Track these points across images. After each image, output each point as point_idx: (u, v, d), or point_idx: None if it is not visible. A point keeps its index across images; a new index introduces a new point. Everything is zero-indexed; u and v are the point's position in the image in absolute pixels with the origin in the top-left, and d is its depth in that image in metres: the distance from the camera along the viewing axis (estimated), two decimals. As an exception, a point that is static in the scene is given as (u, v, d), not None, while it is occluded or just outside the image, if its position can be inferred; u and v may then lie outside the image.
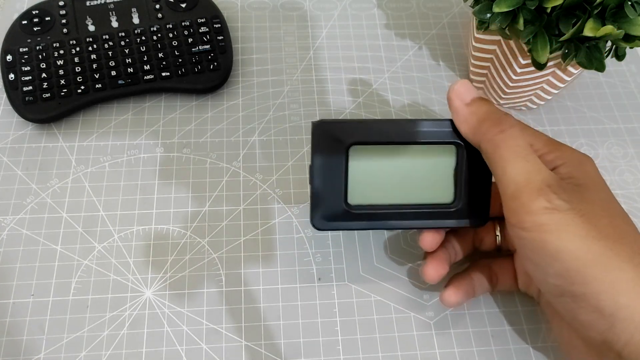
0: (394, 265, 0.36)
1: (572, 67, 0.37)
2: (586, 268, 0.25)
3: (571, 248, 0.25)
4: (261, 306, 0.34)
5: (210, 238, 0.36)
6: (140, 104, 0.42)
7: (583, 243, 0.25)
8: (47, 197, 0.38)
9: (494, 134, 0.28)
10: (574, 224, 0.25)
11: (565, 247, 0.25)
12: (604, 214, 0.26)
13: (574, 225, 0.25)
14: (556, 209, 0.25)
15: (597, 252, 0.25)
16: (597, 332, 0.25)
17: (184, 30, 0.44)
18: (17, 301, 0.34)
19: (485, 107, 0.29)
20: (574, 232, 0.25)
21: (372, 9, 0.49)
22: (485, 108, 0.29)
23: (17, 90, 0.40)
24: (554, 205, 0.25)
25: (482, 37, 0.40)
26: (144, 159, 0.40)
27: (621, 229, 0.26)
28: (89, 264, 0.35)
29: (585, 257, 0.25)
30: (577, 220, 0.25)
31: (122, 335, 0.33)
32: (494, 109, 0.29)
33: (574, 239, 0.25)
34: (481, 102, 0.30)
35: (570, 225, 0.25)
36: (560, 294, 0.26)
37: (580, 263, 0.25)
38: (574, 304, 0.26)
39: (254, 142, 0.41)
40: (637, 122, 0.43)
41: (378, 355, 0.33)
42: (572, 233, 0.25)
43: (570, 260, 0.25)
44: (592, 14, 0.32)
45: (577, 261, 0.25)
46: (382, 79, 0.45)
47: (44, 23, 0.43)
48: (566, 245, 0.25)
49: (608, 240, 0.25)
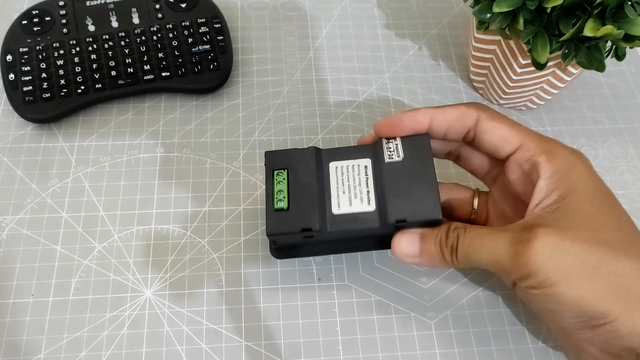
0: (394, 265, 0.36)
1: (572, 67, 0.37)
2: (604, 305, 0.24)
3: (582, 293, 0.24)
4: (261, 306, 0.34)
5: (210, 238, 0.36)
6: (140, 104, 0.42)
7: (593, 282, 0.24)
8: (47, 197, 0.38)
9: (459, 253, 0.28)
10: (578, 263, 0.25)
11: (578, 294, 0.25)
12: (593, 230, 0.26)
13: (578, 266, 0.25)
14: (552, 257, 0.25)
15: (607, 284, 0.24)
16: (616, 346, 0.25)
17: (184, 30, 0.44)
18: (17, 301, 0.34)
19: (430, 248, 0.29)
20: (580, 273, 0.25)
21: (372, 9, 0.49)
22: (432, 249, 0.29)
23: (17, 90, 0.40)
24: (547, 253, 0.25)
25: (482, 37, 0.40)
26: (144, 159, 0.40)
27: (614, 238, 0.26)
28: (89, 264, 0.35)
29: (598, 295, 0.24)
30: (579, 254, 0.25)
31: (122, 335, 0.33)
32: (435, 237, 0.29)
33: (582, 281, 0.25)
34: (426, 245, 0.29)
35: (575, 265, 0.25)
36: (579, 328, 0.26)
37: (598, 303, 0.24)
38: (593, 332, 0.26)
39: (254, 142, 0.41)
40: (637, 122, 0.43)
41: (378, 355, 0.33)
42: (578, 275, 0.25)
43: (586, 306, 0.25)
44: (592, 14, 0.32)
45: (594, 304, 0.24)
46: (382, 79, 0.45)
47: (44, 23, 0.43)
48: (578, 292, 0.25)
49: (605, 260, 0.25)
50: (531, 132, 0.29)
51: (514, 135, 0.29)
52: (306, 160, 0.31)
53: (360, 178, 0.30)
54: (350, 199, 0.30)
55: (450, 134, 0.30)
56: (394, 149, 0.30)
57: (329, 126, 0.42)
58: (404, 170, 0.30)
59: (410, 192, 0.29)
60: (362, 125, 0.42)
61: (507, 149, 0.29)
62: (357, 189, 0.30)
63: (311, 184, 0.30)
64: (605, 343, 0.26)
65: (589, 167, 0.28)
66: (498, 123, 0.29)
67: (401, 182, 0.29)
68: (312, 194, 0.30)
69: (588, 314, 0.25)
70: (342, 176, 0.30)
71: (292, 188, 0.30)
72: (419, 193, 0.29)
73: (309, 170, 0.30)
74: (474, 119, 0.29)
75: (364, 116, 0.43)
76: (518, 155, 0.29)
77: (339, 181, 0.30)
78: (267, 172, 0.31)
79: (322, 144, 0.41)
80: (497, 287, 0.35)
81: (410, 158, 0.30)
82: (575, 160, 0.28)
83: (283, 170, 0.31)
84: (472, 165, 0.33)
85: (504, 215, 0.32)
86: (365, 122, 0.42)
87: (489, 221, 0.33)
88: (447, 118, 0.30)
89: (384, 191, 0.29)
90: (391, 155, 0.30)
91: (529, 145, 0.28)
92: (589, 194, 0.27)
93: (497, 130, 0.29)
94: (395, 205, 0.29)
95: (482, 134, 0.30)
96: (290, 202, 0.30)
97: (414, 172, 0.30)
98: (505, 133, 0.29)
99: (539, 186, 0.27)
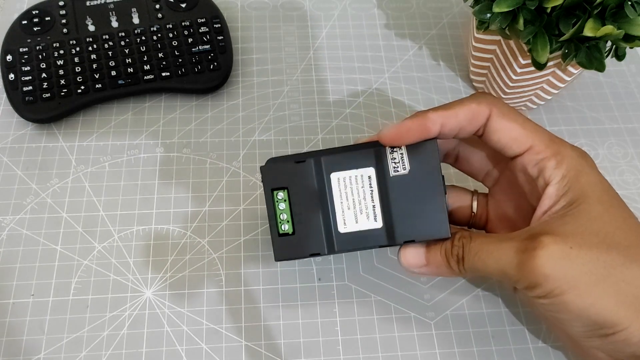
0: (394, 265, 0.36)
1: (572, 67, 0.37)
2: (613, 314, 0.24)
3: (592, 302, 0.24)
4: (261, 306, 0.34)
5: (210, 238, 0.36)
6: (140, 104, 0.42)
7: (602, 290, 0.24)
8: (47, 197, 0.38)
9: (465, 263, 0.27)
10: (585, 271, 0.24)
11: (587, 304, 0.24)
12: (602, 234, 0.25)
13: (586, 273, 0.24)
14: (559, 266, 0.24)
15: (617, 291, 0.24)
16: (625, 353, 0.25)
17: (184, 30, 0.44)
18: (17, 301, 0.34)
19: (436, 258, 0.29)
20: (589, 281, 0.24)
21: (372, 9, 0.49)
22: (438, 259, 0.29)
23: (17, 90, 0.40)
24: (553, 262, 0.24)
25: (482, 37, 0.40)
26: (144, 159, 0.40)
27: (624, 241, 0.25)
28: (89, 264, 0.35)
29: (608, 304, 0.24)
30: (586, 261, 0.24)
31: (122, 335, 0.33)
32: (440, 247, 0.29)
33: (591, 289, 0.24)
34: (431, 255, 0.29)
35: (583, 273, 0.24)
36: (588, 336, 0.26)
37: (607, 313, 0.24)
38: (602, 341, 0.25)
39: (254, 142, 0.41)
40: (637, 122, 0.43)
41: (378, 355, 0.33)
42: (586, 283, 0.24)
43: (595, 315, 0.24)
44: (592, 14, 0.32)
45: (604, 314, 0.24)
46: (382, 79, 0.45)
47: (44, 23, 0.43)
48: (587, 301, 0.24)
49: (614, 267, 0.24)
50: (541, 132, 0.28)
51: (524, 135, 0.28)
52: (306, 175, 0.30)
53: (364, 191, 0.29)
54: (356, 215, 0.29)
55: (462, 134, 0.29)
56: (399, 160, 0.29)
57: (329, 126, 0.42)
58: (410, 185, 0.29)
59: (417, 208, 0.29)
60: (362, 125, 0.42)
61: (516, 150, 0.28)
62: (362, 203, 0.29)
63: (314, 201, 0.29)
64: (614, 351, 0.25)
65: (596, 169, 0.28)
66: (508, 122, 0.28)
67: (408, 198, 0.29)
68: (316, 213, 0.29)
69: (597, 324, 0.24)
70: (346, 189, 0.29)
71: (295, 209, 0.29)
72: (427, 210, 0.28)
73: (310, 186, 0.29)
74: (485, 117, 0.28)
75: (364, 116, 0.43)
76: (527, 158, 0.28)
77: (343, 195, 0.29)
78: (266, 191, 0.30)
79: (322, 144, 0.41)
80: (497, 287, 0.35)
81: (417, 170, 0.29)
82: (583, 163, 0.27)
83: (283, 190, 0.30)
84: (471, 166, 0.33)
85: (505, 216, 0.32)
86: (365, 122, 0.42)
87: (489, 223, 0.32)
88: (459, 121, 0.28)
89: (390, 207, 0.29)
90: (396, 168, 0.29)
91: (538, 148, 0.28)
92: (598, 197, 0.26)
93: (508, 129, 0.28)
94: (403, 226, 0.29)
95: (491, 133, 0.29)
96: (295, 225, 0.29)
97: (421, 187, 0.29)
98: (515, 133, 0.28)
99: (548, 193, 0.27)
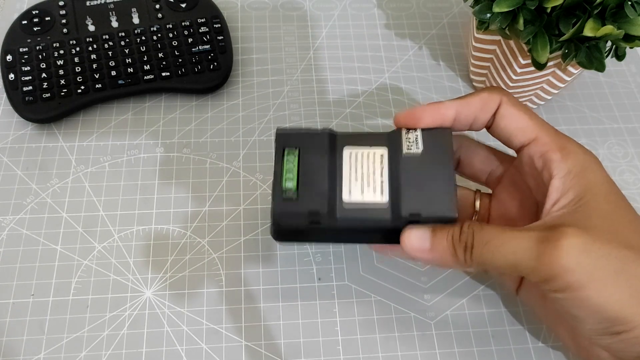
0: (394, 265, 0.36)
1: (572, 67, 0.37)
2: (626, 310, 0.24)
3: (607, 298, 0.24)
4: (261, 306, 0.34)
5: (210, 238, 0.36)
6: (140, 104, 0.42)
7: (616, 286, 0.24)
8: (47, 197, 0.38)
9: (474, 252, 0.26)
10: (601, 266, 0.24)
11: (603, 299, 0.24)
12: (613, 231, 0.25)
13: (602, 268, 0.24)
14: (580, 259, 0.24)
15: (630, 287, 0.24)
16: (633, 352, 0.25)
17: (184, 30, 0.44)
18: (17, 301, 0.34)
19: (442, 243, 0.27)
20: (604, 277, 0.24)
21: (372, 9, 0.49)
22: (444, 245, 0.27)
23: (17, 90, 0.40)
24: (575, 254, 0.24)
25: (482, 37, 0.40)
26: (144, 159, 0.40)
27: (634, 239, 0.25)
28: (89, 264, 0.35)
29: (621, 300, 0.24)
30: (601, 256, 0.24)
31: (122, 335, 0.33)
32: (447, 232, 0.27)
33: (606, 285, 0.24)
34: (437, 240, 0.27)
35: (599, 268, 0.24)
36: (599, 334, 0.25)
37: (620, 309, 0.24)
38: (612, 339, 0.25)
39: (254, 142, 0.41)
40: (637, 122, 0.43)
41: (378, 355, 0.33)
42: (602, 278, 0.24)
43: (610, 311, 0.24)
44: (592, 14, 0.32)
45: (617, 310, 0.24)
46: (382, 79, 0.45)
47: (44, 23, 0.43)
48: (602, 297, 0.24)
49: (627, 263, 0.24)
50: (547, 126, 0.28)
51: (530, 126, 0.28)
52: (319, 143, 0.29)
53: (375, 166, 0.29)
54: (363, 188, 0.28)
55: (476, 125, 0.29)
56: (413, 140, 0.29)
57: (329, 126, 0.42)
58: (422, 164, 0.28)
59: (426, 187, 0.28)
60: (363, 125, 0.42)
61: (522, 139, 0.28)
62: (370, 177, 0.29)
63: (322, 167, 0.29)
64: (622, 350, 0.25)
65: (602, 168, 0.27)
66: (517, 110, 0.28)
67: (418, 176, 0.28)
68: (323, 177, 0.29)
69: (610, 320, 0.24)
70: (356, 163, 0.29)
71: (302, 170, 0.29)
72: (435, 189, 0.28)
73: (322, 152, 0.29)
74: (496, 104, 0.28)
75: (364, 116, 0.43)
76: (532, 149, 0.28)
77: (352, 167, 0.29)
78: (277, 150, 0.29)
79: (322, 144, 0.41)
80: (497, 287, 0.35)
81: (430, 152, 0.29)
82: (589, 160, 0.27)
83: (295, 150, 0.29)
84: (473, 168, 0.33)
85: (508, 216, 0.31)
86: (366, 122, 0.42)
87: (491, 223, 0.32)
88: (472, 109, 0.29)
89: (399, 184, 0.28)
90: (410, 147, 0.29)
91: (544, 140, 0.28)
92: (605, 195, 0.26)
93: (515, 117, 0.28)
94: (409, 199, 0.28)
95: (500, 119, 0.29)
96: (299, 184, 0.29)
97: (432, 167, 0.28)
98: (522, 122, 0.28)
99: (554, 185, 0.27)
